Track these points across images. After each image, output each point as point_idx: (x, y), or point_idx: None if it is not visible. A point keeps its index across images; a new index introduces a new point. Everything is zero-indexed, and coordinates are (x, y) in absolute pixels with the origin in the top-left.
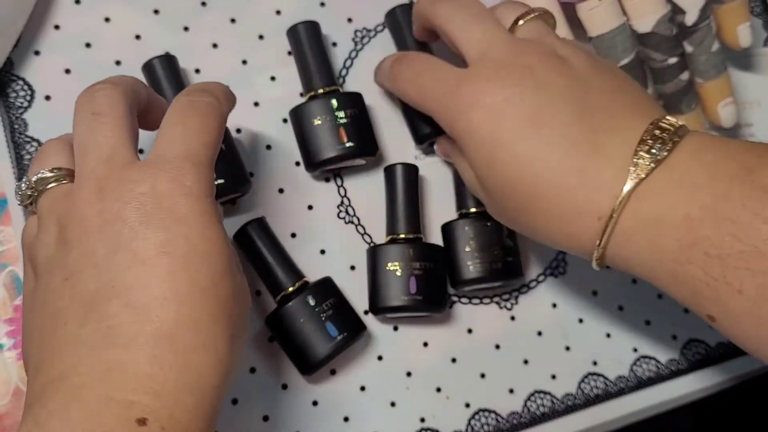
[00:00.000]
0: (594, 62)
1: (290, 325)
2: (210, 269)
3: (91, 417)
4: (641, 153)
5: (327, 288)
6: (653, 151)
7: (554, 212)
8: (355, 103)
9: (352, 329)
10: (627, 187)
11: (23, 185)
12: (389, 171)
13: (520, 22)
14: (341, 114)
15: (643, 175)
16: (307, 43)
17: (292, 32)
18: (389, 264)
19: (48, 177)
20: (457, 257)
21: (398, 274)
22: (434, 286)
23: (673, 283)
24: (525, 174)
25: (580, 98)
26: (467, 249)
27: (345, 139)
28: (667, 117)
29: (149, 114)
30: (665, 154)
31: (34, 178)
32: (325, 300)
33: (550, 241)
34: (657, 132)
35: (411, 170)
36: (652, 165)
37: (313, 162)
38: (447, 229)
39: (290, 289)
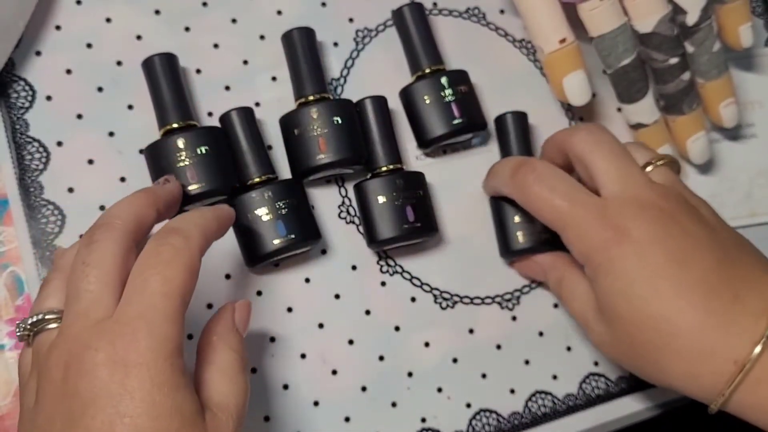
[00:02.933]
0: (716, 215)
1: (243, 215)
2: None
3: None
4: None
5: (289, 188)
6: None
7: (689, 349)
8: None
9: (302, 232)
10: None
11: (20, 327)
12: (360, 104)
13: (650, 167)
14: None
15: None
16: (300, 50)
17: (287, 38)
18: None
19: (42, 320)
20: (506, 227)
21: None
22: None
23: None
24: (667, 311)
25: (719, 249)
26: (516, 219)
27: (325, 149)
28: None
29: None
30: None
31: (30, 320)
32: (283, 199)
33: (665, 379)
34: None
35: (381, 101)
36: None
37: (297, 173)
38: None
39: (256, 179)
